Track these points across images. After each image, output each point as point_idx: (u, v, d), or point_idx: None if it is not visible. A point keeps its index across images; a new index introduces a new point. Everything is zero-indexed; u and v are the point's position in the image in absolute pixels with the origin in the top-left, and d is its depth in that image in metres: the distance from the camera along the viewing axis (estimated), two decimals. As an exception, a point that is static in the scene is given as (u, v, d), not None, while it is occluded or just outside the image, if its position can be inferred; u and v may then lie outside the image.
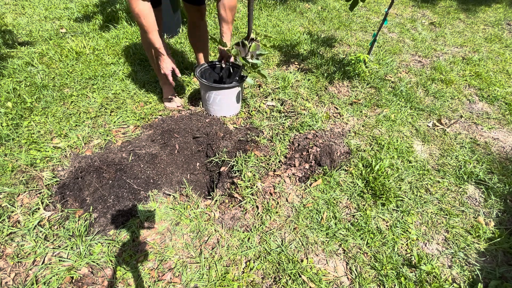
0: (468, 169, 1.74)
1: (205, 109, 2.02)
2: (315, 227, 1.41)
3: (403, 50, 3.05)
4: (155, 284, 1.16)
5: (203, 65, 1.92)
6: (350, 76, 2.45)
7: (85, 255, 1.21)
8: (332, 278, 1.24)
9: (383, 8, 4.01)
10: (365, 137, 1.92)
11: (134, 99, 2.04)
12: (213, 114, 1.97)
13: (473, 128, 2.14)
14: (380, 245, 1.37)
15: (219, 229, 1.38)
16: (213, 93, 1.81)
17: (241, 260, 1.28)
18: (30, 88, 2.01)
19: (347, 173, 1.67)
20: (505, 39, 3.42)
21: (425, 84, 2.51)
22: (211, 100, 1.85)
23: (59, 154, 1.59)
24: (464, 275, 1.29)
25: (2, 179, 1.43)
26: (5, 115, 1.76)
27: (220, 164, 1.71)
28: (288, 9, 3.66)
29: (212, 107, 1.92)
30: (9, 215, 1.31)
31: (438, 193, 1.63)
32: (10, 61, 2.24)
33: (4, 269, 1.15)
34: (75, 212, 1.33)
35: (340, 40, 3.13)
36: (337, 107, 2.16)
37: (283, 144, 1.81)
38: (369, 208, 1.50)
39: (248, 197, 1.50)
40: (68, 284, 1.14)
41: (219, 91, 1.79)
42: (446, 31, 3.55)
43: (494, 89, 2.52)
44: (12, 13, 3.03)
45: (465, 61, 2.93)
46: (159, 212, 1.41)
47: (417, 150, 1.89)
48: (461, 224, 1.49)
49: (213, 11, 3.33)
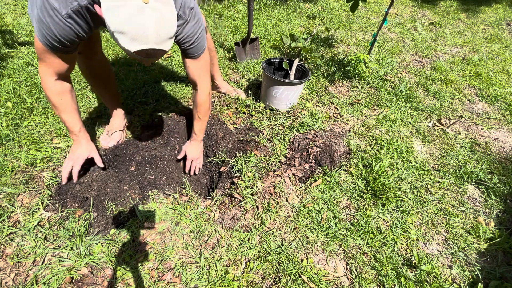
0: (468, 169, 1.74)
1: (262, 101, 2.10)
2: (315, 227, 1.41)
3: (403, 50, 3.05)
4: (155, 284, 1.16)
5: (264, 61, 2.06)
6: (350, 76, 2.45)
7: (85, 255, 1.21)
8: (332, 278, 1.24)
9: (383, 8, 4.01)
10: (365, 137, 1.92)
11: (134, 99, 2.04)
12: (272, 107, 2.06)
13: (473, 128, 2.14)
14: (380, 245, 1.36)
15: (219, 229, 1.38)
16: (281, 88, 1.90)
17: (241, 260, 1.28)
18: (30, 88, 2.01)
19: (347, 173, 1.67)
20: (505, 39, 3.42)
21: (425, 84, 2.52)
22: (278, 94, 1.93)
23: (59, 154, 1.59)
24: (464, 275, 1.29)
25: (2, 179, 1.43)
26: (5, 115, 1.76)
27: (220, 164, 1.71)
28: (288, 9, 3.66)
29: (274, 101, 2.01)
30: (9, 215, 1.31)
31: (438, 193, 1.62)
32: (10, 61, 2.24)
33: (4, 269, 1.15)
34: (75, 212, 1.33)
35: (340, 40, 3.13)
36: (337, 107, 2.16)
37: (283, 144, 1.81)
38: (369, 208, 1.50)
39: (248, 197, 1.50)
40: (68, 284, 1.13)
41: (288, 87, 1.89)
42: (446, 31, 3.55)
43: (494, 89, 2.52)
44: (12, 13, 3.03)
45: (465, 61, 2.94)
46: (159, 212, 1.41)
47: (417, 150, 1.89)
48: (461, 224, 1.49)
49: (213, 11, 3.34)
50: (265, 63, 2.03)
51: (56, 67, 1.08)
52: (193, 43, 1.15)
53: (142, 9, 0.73)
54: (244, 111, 2.04)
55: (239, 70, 2.45)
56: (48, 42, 0.96)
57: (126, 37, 0.77)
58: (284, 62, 1.94)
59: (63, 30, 0.93)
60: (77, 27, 0.94)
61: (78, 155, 1.33)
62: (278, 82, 1.86)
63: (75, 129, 1.29)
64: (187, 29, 1.08)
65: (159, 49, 0.82)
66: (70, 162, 1.32)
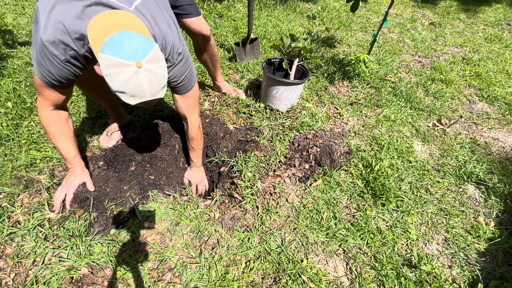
0: (468, 169, 1.74)
1: (262, 101, 2.09)
2: (315, 227, 1.41)
3: (403, 50, 3.05)
4: (155, 284, 1.16)
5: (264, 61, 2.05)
6: (350, 76, 2.45)
7: (85, 255, 1.21)
8: (332, 278, 1.24)
9: (383, 8, 4.01)
10: (365, 137, 1.92)
11: (134, 99, 2.04)
12: (272, 107, 2.05)
13: (473, 128, 2.14)
14: (380, 245, 1.37)
15: (219, 229, 1.38)
16: (281, 88, 1.89)
17: (241, 260, 1.28)
18: (30, 88, 2.01)
19: (347, 173, 1.67)
20: (505, 39, 3.43)
21: (425, 84, 2.52)
22: (278, 94, 1.93)
23: (59, 154, 1.59)
24: (464, 275, 1.29)
25: (2, 179, 1.43)
26: (5, 115, 1.76)
27: (220, 164, 1.71)
28: (288, 9, 3.66)
29: (274, 101, 2.00)
30: (9, 215, 1.31)
31: (438, 193, 1.63)
32: (10, 61, 2.24)
33: (4, 269, 1.15)
34: (75, 212, 1.33)
35: (340, 40, 3.13)
36: (337, 107, 2.16)
37: (283, 144, 1.81)
38: (369, 208, 1.50)
39: (248, 197, 1.50)
40: (68, 284, 1.14)
41: (288, 87, 1.88)
42: (446, 31, 3.55)
43: (494, 89, 2.52)
44: (12, 13, 3.03)
45: (465, 61, 2.94)
46: (159, 212, 1.41)
47: (417, 150, 1.89)
48: (461, 224, 1.49)
49: (213, 11, 3.34)
50: (265, 63, 2.03)
51: (53, 99, 1.15)
52: (181, 82, 1.23)
53: (136, 73, 0.84)
54: (244, 111, 2.04)
55: (239, 70, 2.45)
56: (46, 81, 1.03)
57: (126, 95, 0.87)
58: (284, 62, 1.94)
59: (62, 71, 1.00)
60: (75, 68, 1.02)
61: (70, 182, 1.35)
62: (278, 82, 1.86)
63: (70, 156, 1.32)
64: (175, 71, 1.17)
65: (155, 98, 0.93)
66: (64, 190, 1.34)
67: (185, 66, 1.20)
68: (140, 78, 0.85)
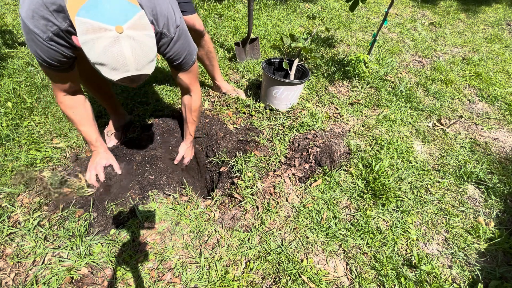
0: (468, 169, 1.74)
1: (262, 101, 2.09)
2: (315, 227, 1.41)
3: (403, 50, 3.05)
4: (155, 284, 1.16)
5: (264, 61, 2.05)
6: (350, 76, 2.45)
7: (85, 255, 1.21)
8: (332, 278, 1.24)
9: (383, 8, 4.01)
10: (365, 137, 1.92)
11: (135, 99, 2.04)
12: (272, 107, 2.05)
13: (473, 128, 2.14)
14: (380, 245, 1.36)
15: (219, 229, 1.38)
16: (281, 88, 1.89)
17: (241, 260, 1.28)
18: (30, 88, 2.01)
19: (347, 173, 1.67)
20: (505, 39, 3.43)
21: (425, 84, 2.52)
22: (278, 94, 1.93)
23: (59, 154, 1.59)
24: (464, 275, 1.29)
25: (2, 179, 1.43)
26: (5, 115, 1.76)
27: (220, 164, 1.71)
28: (288, 9, 3.66)
29: (274, 101, 2.00)
30: (9, 215, 1.31)
31: (438, 193, 1.63)
32: (10, 61, 2.24)
33: (4, 269, 1.15)
34: (75, 212, 1.33)
35: (340, 40, 3.13)
36: (337, 107, 2.16)
37: (283, 144, 1.81)
38: (369, 208, 1.50)
39: (248, 197, 1.50)
40: (68, 284, 1.13)
41: (288, 87, 1.88)
42: (446, 31, 3.55)
43: (494, 89, 2.52)
44: (12, 13, 3.02)
45: (465, 61, 2.94)
46: (159, 212, 1.41)
47: (417, 150, 1.89)
48: (461, 224, 1.49)
49: (213, 11, 3.34)
50: (265, 63, 2.03)
51: (59, 83, 1.12)
52: (184, 59, 1.17)
53: (117, 40, 0.74)
54: (244, 111, 2.04)
55: (239, 70, 2.45)
56: (40, 62, 0.99)
57: (107, 68, 0.78)
58: (284, 62, 1.94)
59: (48, 52, 0.94)
60: (61, 48, 0.95)
61: (96, 163, 1.39)
62: (278, 82, 1.86)
63: (92, 139, 1.35)
64: (176, 47, 1.10)
65: (142, 74, 0.83)
66: (93, 171, 1.39)
67: (186, 41, 1.14)
68: (122, 46, 0.75)
